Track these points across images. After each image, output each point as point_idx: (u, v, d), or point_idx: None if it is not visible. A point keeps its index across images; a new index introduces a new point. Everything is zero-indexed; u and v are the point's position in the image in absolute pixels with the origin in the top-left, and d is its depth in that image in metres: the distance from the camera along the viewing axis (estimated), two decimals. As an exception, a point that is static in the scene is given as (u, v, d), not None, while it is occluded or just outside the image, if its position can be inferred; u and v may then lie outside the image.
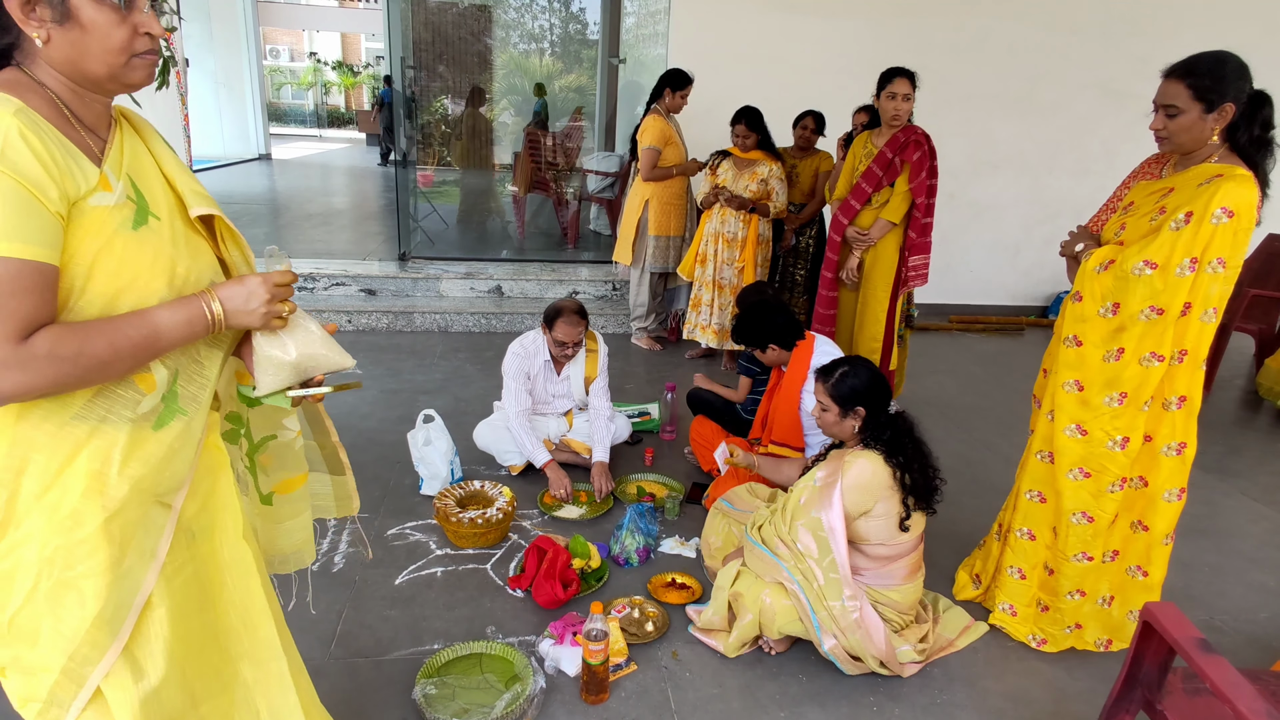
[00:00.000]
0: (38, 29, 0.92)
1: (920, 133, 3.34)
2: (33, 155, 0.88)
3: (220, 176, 10.70)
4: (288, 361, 1.13)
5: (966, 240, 5.95)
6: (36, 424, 0.96)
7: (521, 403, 3.01)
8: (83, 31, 0.93)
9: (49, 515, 0.97)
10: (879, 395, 2.13)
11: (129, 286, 0.98)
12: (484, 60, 11.77)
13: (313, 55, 23.83)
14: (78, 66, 0.96)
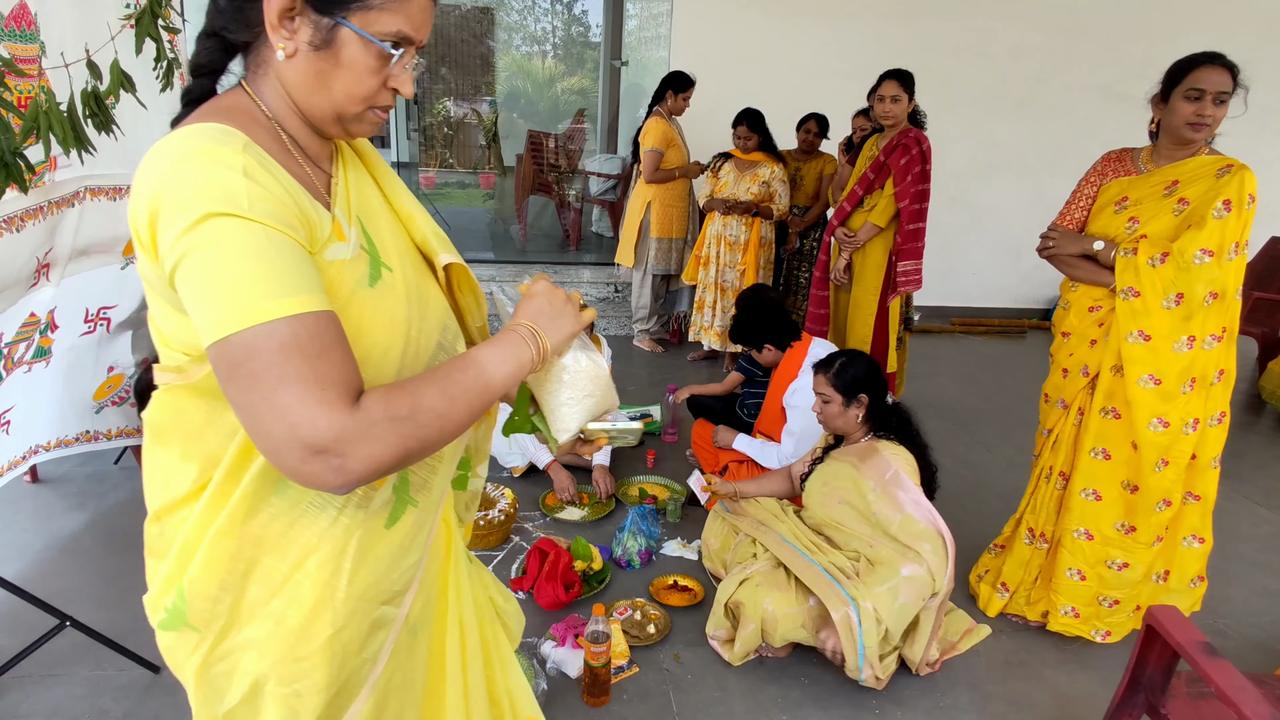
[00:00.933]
0: (286, 40, 0.79)
1: (913, 136, 3.32)
2: (275, 197, 0.74)
3: (223, 178, 10.71)
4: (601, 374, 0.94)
5: (968, 243, 5.95)
6: (266, 523, 0.83)
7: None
8: (335, 66, 0.81)
9: (274, 626, 0.85)
10: (879, 384, 2.21)
11: (365, 359, 0.81)
12: (486, 63, 11.79)
13: (315, 57, 23.89)
14: (306, 97, 0.83)
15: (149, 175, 0.73)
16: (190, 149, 0.72)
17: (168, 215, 0.71)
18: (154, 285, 0.78)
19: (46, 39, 2.01)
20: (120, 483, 2.88)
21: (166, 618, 0.86)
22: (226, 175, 0.71)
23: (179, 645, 0.86)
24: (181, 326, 0.78)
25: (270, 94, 0.83)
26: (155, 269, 0.75)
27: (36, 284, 2.17)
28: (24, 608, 1.93)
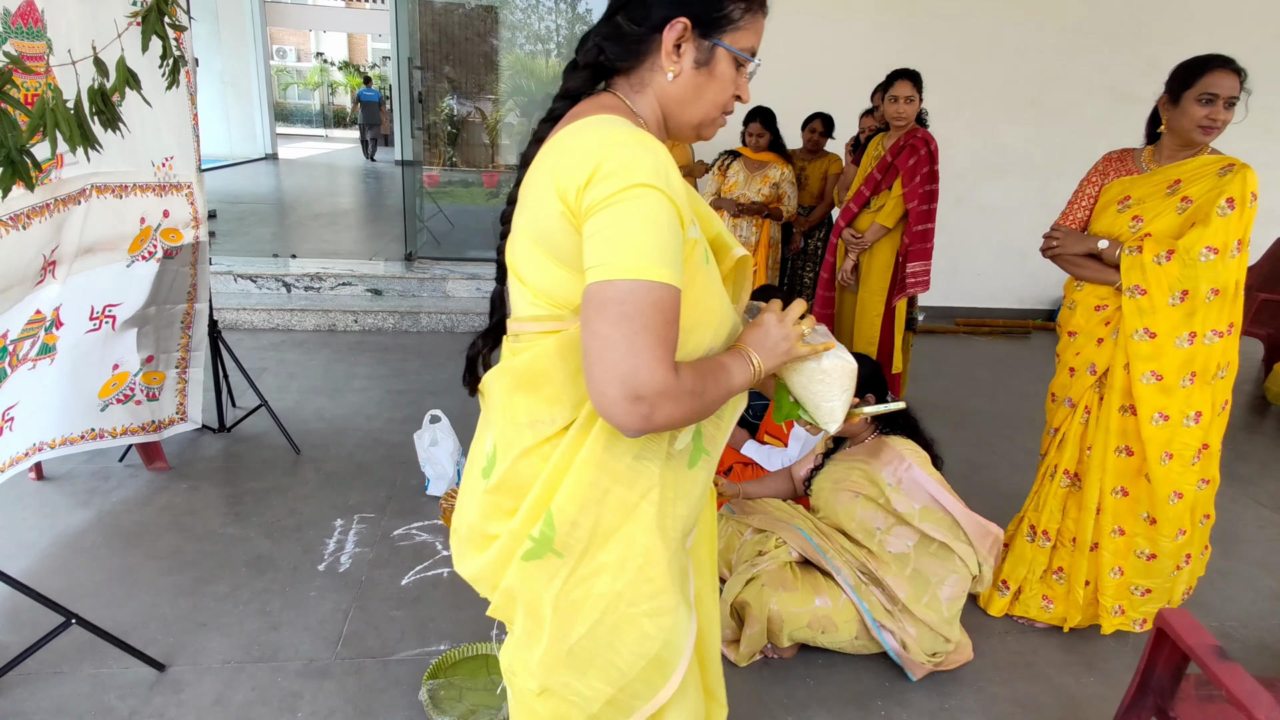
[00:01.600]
0: (674, 65, 0.96)
1: (920, 137, 3.31)
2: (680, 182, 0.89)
3: (227, 176, 10.73)
4: (851, 369, 1.06)
5: (973, 243, 5.94)
6: (619, 455, 0.94)
7: None
8: (708, 80, 0.98)
9: (623, 549, 0.96)
10: (880, 385, 2.22)
11: (697, 324, 0.95)
12: (490, 61, 11.79)
13: (319, 56, 23.90)
14: (681, 109, 1.00)
15: (589, 144, 0.87)
16: (628, 132, 0.88)
17: (605, 176, 0.84)
18: (547, 242, 0.91)
19: (54, 36, 2.01)
20: (125, 480, 2.88)
21: (533, 546, 0.95)
22: (657, 156, 0.86)
23: (539, 573, 0.96)
24: (562, 282, 0.92)
25: (644, 107, 1.00)
26: (565, 222, 0.88)
27: (42, 281, 2.17)
28: (28, 605, 1.93)
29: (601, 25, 1.01)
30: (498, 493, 0.99)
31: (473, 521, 1.04)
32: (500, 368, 0.99)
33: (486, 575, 1.03)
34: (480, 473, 1.03)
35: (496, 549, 1.00)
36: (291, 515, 2.72)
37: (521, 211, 0.96)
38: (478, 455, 1.06)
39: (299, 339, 4.66)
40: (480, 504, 1.01)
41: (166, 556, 2.45)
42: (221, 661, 2.02)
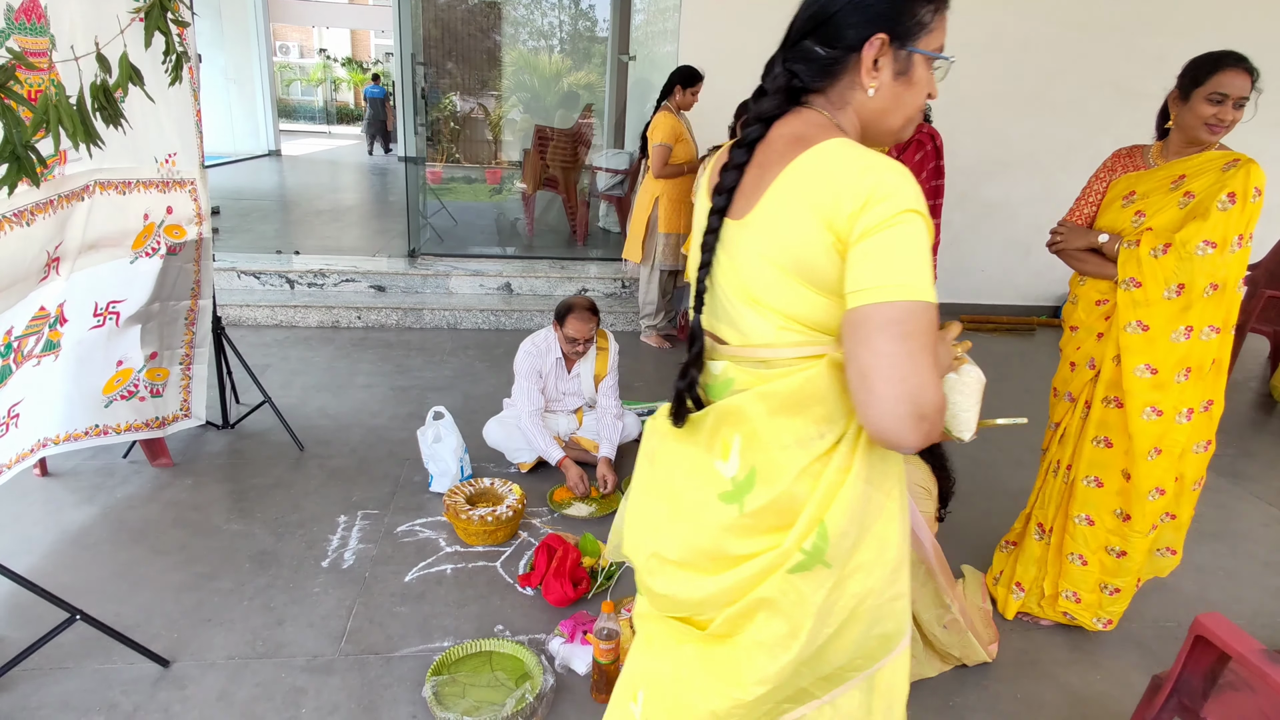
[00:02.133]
0: (874, 80, 0.98)
1: (926, 132, 3.30)
2: None
3: (231, 173, 10.74)
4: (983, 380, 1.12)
5: (977, 240, 5.91)
6: (874, 462, 1.00)
7: (534, 402, 3.01)
8: (907, 87, 1.00)
9: (877, 548, 1.01)
10: None
11: None
12: (493, 57, 11.77)
13: (322, 52, 23.87)
14: (881, 118, 1.02)
15: (852, 173, 0.89)
16: (881, 158, 0.90)
17: (876, 202, 0.87)
18: (806, 270, 0.93)
19: (56, 32, 2.01)
20: (129, 477, 2.89)
21: (804, 559, 0.98)
22: (912, 180, 0.89)
23: (806, 585, 0.99)
24: (821, 308, 0.95)
25: (846, 122, 1.01)
26: (832, 251, 0.91)
27: (46, 278, 2.17)
28: (33, 601, 1.94)
29: (788, 51, 1.03)
30: (763, 514, 1.01)
31: (704, 546, 1.05)
32: (757, 393, 0.99)
33: (727, 595, 1.04)
34: (720, 498, 1.04)
35: (754, 567, 1.01)
36: (295, 511, 2.72)
37: (764, 241, 0.97)
38: (705, 481, 1.06)
39: (302, 335, 4.66)
40: (729, 527, 1.03)
41: (171, 552, 2.45)
42: (225, 657, 2.02)
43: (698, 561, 1.06)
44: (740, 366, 1.03)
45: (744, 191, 1.01)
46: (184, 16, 2.60)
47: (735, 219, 1.02)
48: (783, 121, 1.01)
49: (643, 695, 1.18)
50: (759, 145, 1.01)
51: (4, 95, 1.66)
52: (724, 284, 1.03)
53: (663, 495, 1.12)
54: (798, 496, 0.98)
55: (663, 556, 1.10)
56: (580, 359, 3.12)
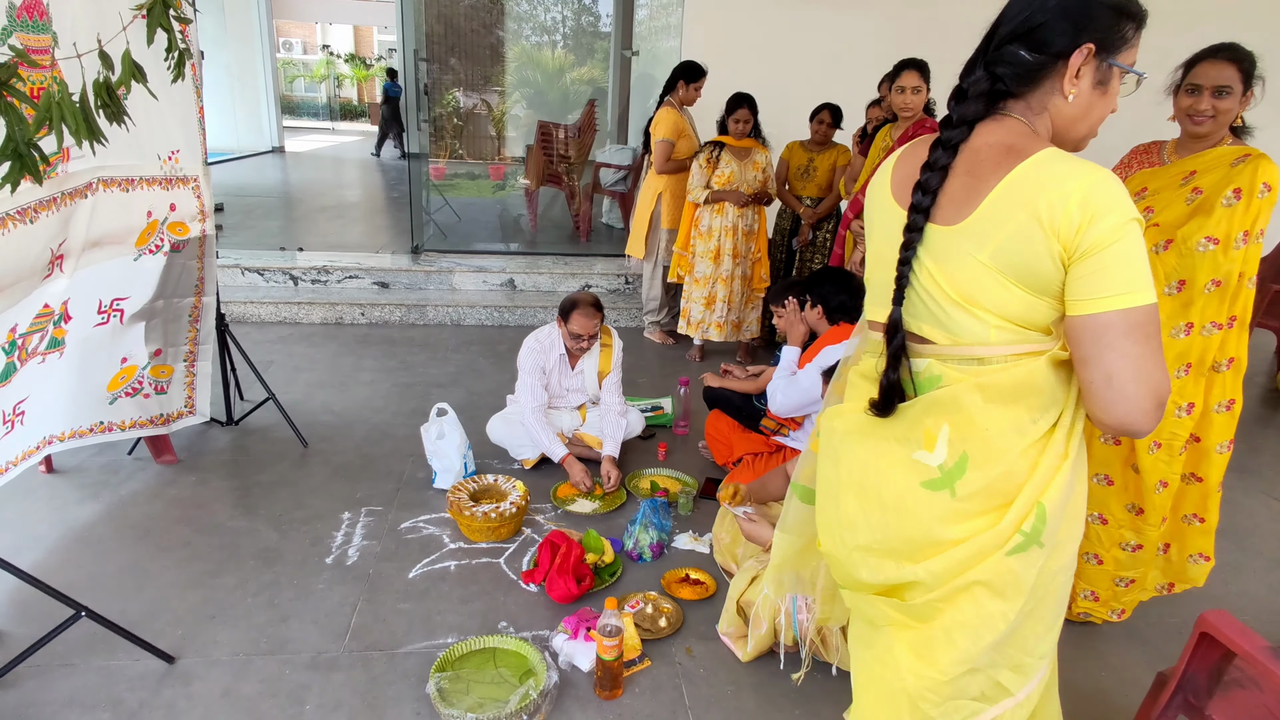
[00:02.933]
0: (1074, 89, 1.05)
1: (930, 125, 3.29)
2: None
3: (234, 169, 10.75)
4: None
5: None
6: (1078, 445, 1.08)
7: (537, 398, 3.00)
8: (1101, 98, 1.07)
9: (1070, 525, 1.10)
10: None
11: None
12: (496, 53, 11.75)
13: (325, 48, 23.86)
14: (1072, 126, 1.08)
15: (1076, 185, 0.96)
16: (1099, 169, 0.98)
17: (1103, 214, 0.94)
18: (1026, 275, 1.00)
19: (59, 29, 2.01)
20: (134, 473, 2.90)
21: (1022, 540, 1.06)
22: (1125, 190, 0.97)
23: (1021, 565, 1.07)
24: (1036, 310, 1.02)
25: (1041, 128, 1.08)
26: (1056, 260, 0.98)
27: (50, 275, 2.17)
28: (39, 598, 1.94)
29: (990, 55, 1.09)
30: (975, 498, 1.07)
31: (911, 533, 1.12)
32: (975, 385, 1.05)
33: (936, 579, 1.10)
34: (925, 485, 1.10)
35: (967, 550, 1.07)
36: (299, 508, 2.73)
37: (981, 247, 1.02)
38: (904, 471, 1.12)
39: (306, 332, 4.67)
40: (939, 514, 1.09)
41: (175, 549, 2.46)
42: (230, 654, 2.03)
43: (904, 549, 1.13)
44: (948, 364, 1.08)
45: (952, 199, 1.06)
46: (186, 13, 2.59)
47: (943, 225, 1.06)
48: (986, 129, 1.08)
49: (853, 675, 1.29)
50: (962, 150, 1.07)
51: (6, 93, 1.66)
52: (928, 287, 1.08)
53: (853, 490, 1.18)
54: (1014, 478, 1.06)
55: (864, 547, 1.17)
56: (584, 355, 3.11)
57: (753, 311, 4.41)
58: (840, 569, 1.23)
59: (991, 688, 1.13)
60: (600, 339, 3.14)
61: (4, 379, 2.10)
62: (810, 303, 2.81)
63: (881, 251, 1.16)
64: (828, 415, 1.25)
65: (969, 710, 1.13)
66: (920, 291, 1.09)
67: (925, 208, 1.07)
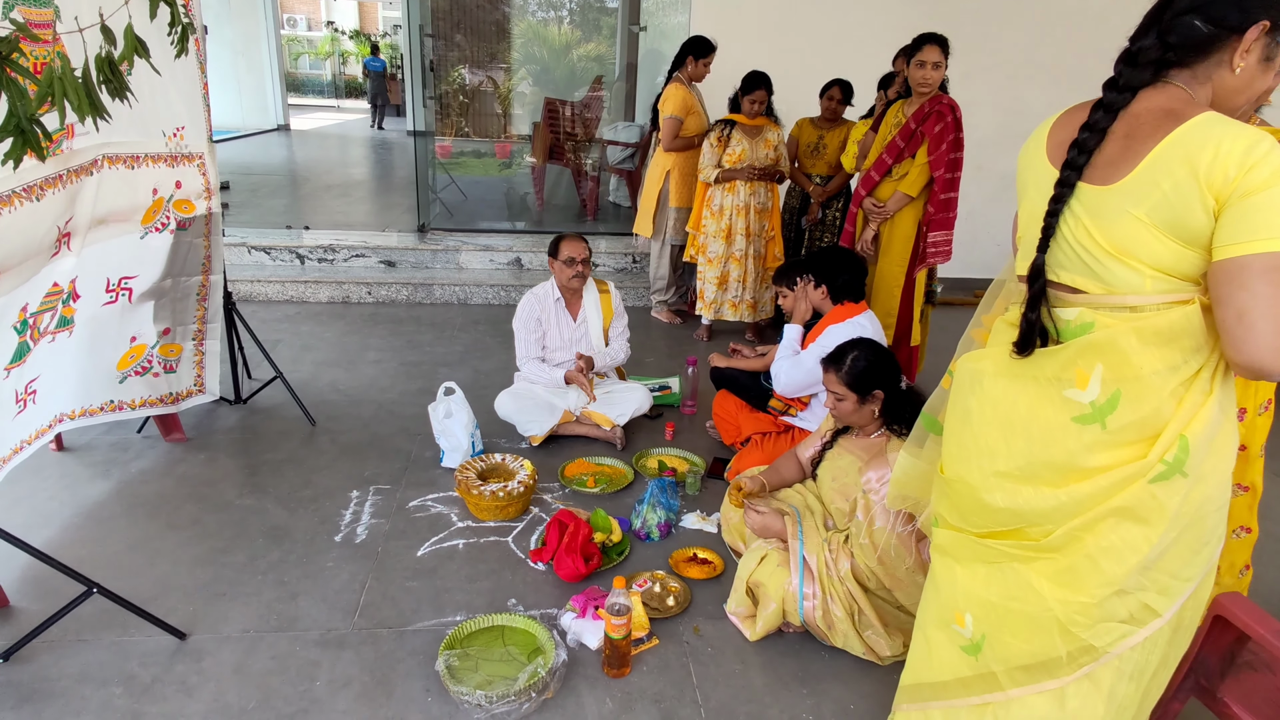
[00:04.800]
0: (1242, 62, 1.12)
1: (947, 103, 3.24)
2: None
3: (239, 147, 10.70)
4: None
5: (993, 213, 5.82)
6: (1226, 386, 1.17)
7: (532, 352, 3.07)
8: (1263, 73, 1.13)
9: (1216, 460, 1.18)
10: (892, 373, 2.12)
11: None
12: (501, 29, 11.61)
13: (330, 24, 23.65)
14: (1232, 97, 1.15)
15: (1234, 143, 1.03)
16: (1259, 130, 1.04)
17: (1259, 166, 1.01)
18: (1181, 229, 1.08)
19: (60, 3, 1.98)
20: (143, 451, 2.91)
21: (1165, 469, 1.14)
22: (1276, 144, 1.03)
23: (1164, 493, 1.15)
24: (1188, 261, 1.10)
25: (1202, 97, 1.15)
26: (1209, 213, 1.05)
27: (58, 253, 2.16)
28: (50, 574, 1.95)
29: (1164, 24, 1.15)
30: (1125, 430, 1.17)
31: (1055, 460, 1.21)
32: (1131, 329, 1.14)
33: (1079, 505, 1.19)
34: (1075, 420, 1.19)
35: (1112, 478, 1.17)
36: (308, 486, 2.74)
37: (1138, 204, 1.10)
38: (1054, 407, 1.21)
39: (313, 311, 4.66)
40: (1088, 444, 1.19)
41: (185, 527, 2.47)
42: (241, 630, 2.04)
43: (1043, 475, 1.23)
44: (1100, 311, 1.17)
45: (1108, 160, 1.14)
46: (189, -14, 2.56)
47: (1098, 185, 1.15)
48: (1147, 94, 1.15)
49: (971, 617, 1.35)
50: (1121, 115, 1.15)
51: (8, 68, 1.64)
52: (1082, 240, 1.17)
53: (997, 423, 1.28)
54: (1162, 414, 1.14)
55: (1003, 473, 1.26)
56: (584, 304, 3.13)
57: (768, 291, 4.37)
58: (969, 494, 1.32)
59: (1140, 610, 1.21)
60: (597, 288, 3.20)
61: (18, 359, 2.10)
62: (814, 282, 2.79)
63: (1035, 209, 1.24)
64: (969, 358, 1.35)
65: (1119, 632, 1.22)
66: (1073, 244, 1.18)
67: (1080, 165, 1.16)
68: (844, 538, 2.03)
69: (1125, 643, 1.22)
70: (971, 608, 1.36)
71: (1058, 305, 1.22)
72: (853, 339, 2.23)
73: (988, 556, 1.32)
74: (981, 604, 1.34)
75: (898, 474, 1.61)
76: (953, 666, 1.41)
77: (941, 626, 1.43)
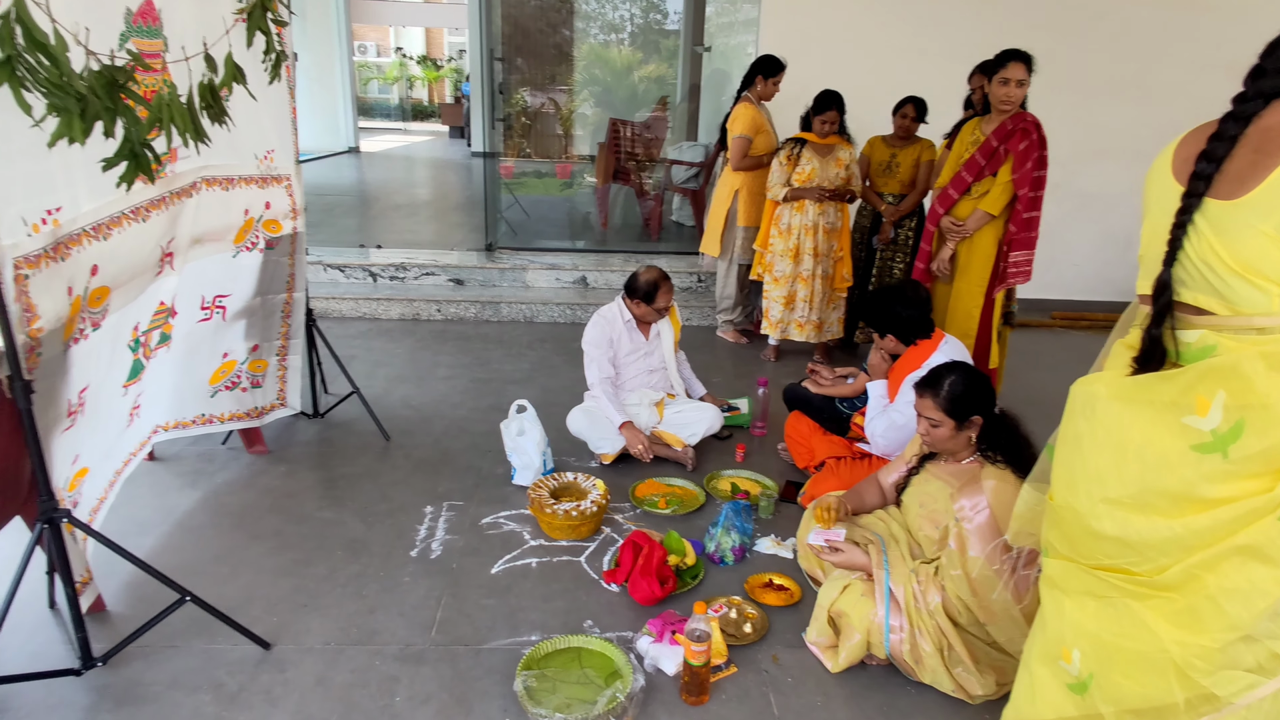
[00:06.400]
0: None
1: (1030, 120, 3.15)
2: None
3: (313, 169, 11.10)
4: None
5: (1072, 232, 5.62)
6: None
7: (604, 371, 3.07)
8: None
9: None
10: (989, 397, 2.06)
11: None
12: (564, 52, 11.83)
13: (399, 50, 24.46)
14: None
15: None
16: None
17: None
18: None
19: (169, 34, 2.08)
20: (228, 462, 3.00)
21: None
22: None
23: None
24: None
25: None
26: None
27: (162, 272, 2.26)
28: (145, 581, 2.02)
29: None
30: (1249, 461, 1.10)
31: (1171, 489, 1.15)
32: (1259, 353, 1.09)
33: (1198, 538, 1.13)
34: (1195, 449, 1.13)
35: (1234, 511, 1.10)
36: (383, 501, 2.78)
37: (1267, 219, 1.08)
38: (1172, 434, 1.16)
39: (385, 327, 4.77)
40: (1207, 474, 1.12)
41: (268, 538, 2.53)
42: (322, 642, 2.07)
43: (1157, 504, 1.17)
44: (1224, 334, 1.13)
45: (1236, 174, 1.11)
46: (283, 16, 2.66)
47: (1224, 200, 1.12)
48: (1278, 106, 1.13)
49: (1079, 654, 1.28)
50: (1251, 126, 1.12)
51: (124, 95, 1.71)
52: (1207, 259, 1.13)
53: (1109, 448, 1.22)
54: None
55: (1113, 500, 1.21)
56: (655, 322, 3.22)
57: (834, 311, 4.30)
58: (1077, 522, 1.25)
59: (1270, 659, 1.12)
60: None
61: (134, 376, 2.20)
62: (879, 334, 2.75)
63: (1158, 226, 1.20)
64: (1083, 381, 1.30)
65: (1245, 682, 1.13)
66: (1197, 263, 1.14)
67: (1208, 175, 1.13)
68: (933, 569, 1.96)
69: (1253, 694, 1.13)
70: (1080, 643, 1.28)
71: (1180, 326, 1.18)
72: (947, 362, 2.16)
73: (1098, 589, 1.25)
74: (1091, 640, 1.27)
75: (1020, 509, 1.55)
76: (1057, 705, 1.34)
77: (1047, 662, 1.36)
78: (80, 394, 1.90)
